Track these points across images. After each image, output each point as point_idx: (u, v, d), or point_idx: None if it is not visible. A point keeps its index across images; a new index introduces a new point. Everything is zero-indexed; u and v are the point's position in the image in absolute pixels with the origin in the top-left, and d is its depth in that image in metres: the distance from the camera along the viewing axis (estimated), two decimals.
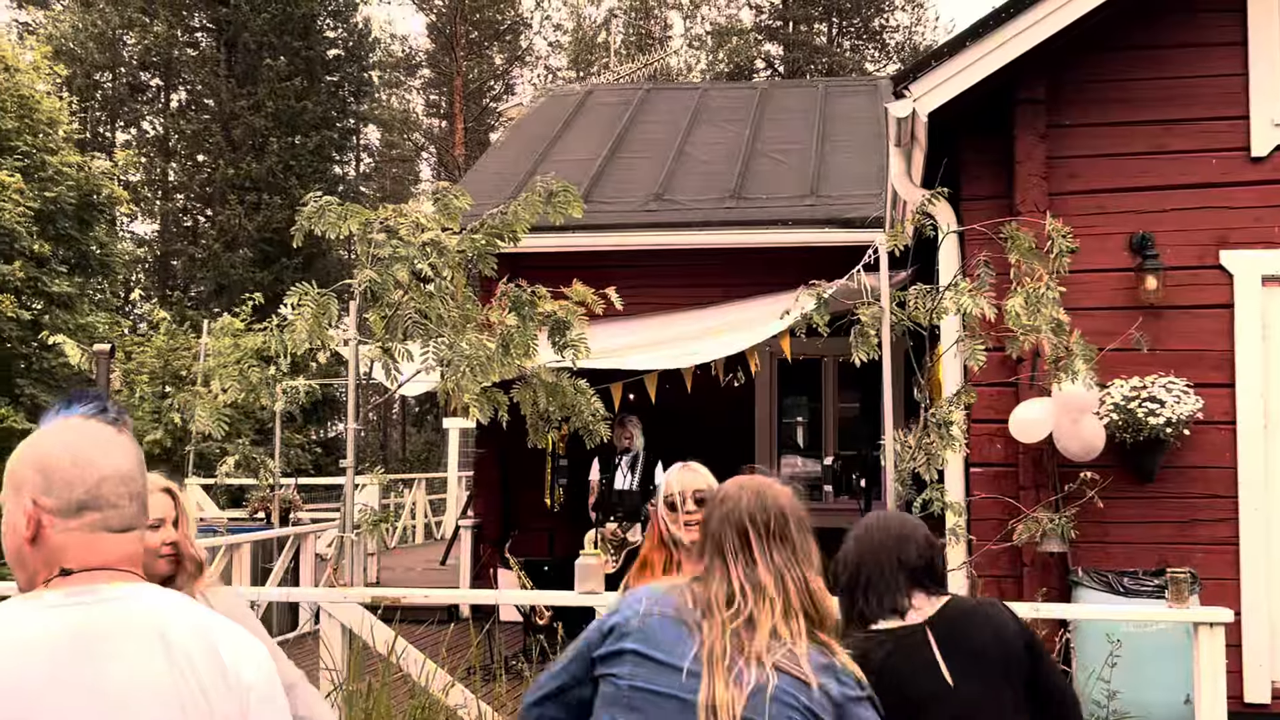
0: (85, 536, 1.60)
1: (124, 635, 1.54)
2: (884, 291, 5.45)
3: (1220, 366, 6.67)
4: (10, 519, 1.62)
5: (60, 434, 1.65)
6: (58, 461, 1.61)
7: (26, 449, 1.65)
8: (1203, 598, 5.98)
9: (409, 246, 5.02)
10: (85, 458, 1.62)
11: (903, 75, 6.66)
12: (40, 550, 1.59)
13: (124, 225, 31.18)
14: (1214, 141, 6.83)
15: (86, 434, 1.65)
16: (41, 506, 1.59)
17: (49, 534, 1.59)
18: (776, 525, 2.21)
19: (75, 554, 1.59)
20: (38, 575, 1.59)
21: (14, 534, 1.61)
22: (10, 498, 1.63)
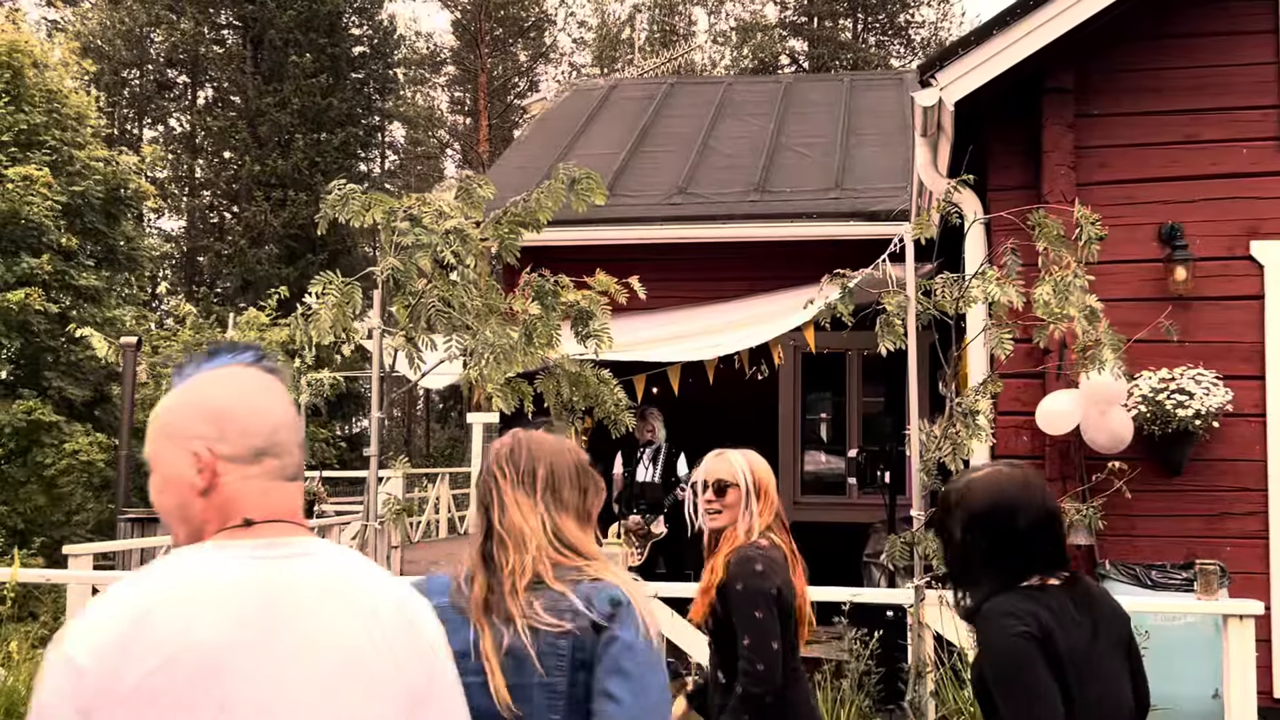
0: (264, 485, 1.55)
1: (313, 591, 1.50)
2: (909, 279, 5.41)
3: (1250, 358, 6.59)
4: (171, 470, 1.55)
5: (226, 382, 1.58)
6: (232, 408, 1.55)
7: (185, 399, 1.57)
8: (1231, 592, 5.92)
9: (432, 234, 5.02)
10: (260, 404, 1.57)
11: (929, 63, 6.62)
12: (213, 500, 1.53)
13: (151, 221, 31.40)
14: (1245, 131, 6.76)
15: (253, 381, 1.60)
16: (217, 455, 1.53)
17: (225, 483, 1.53)
18: (526, 470, 2.27)
19: (254, 503, 1.53)
20: (207, 526, 1.53)
21: (178, 486, 1.54)
22: (166, 449, 1.56)
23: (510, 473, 2.27)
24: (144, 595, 1.40)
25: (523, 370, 6.25)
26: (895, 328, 5.45)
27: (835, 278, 5.74)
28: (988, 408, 5.39)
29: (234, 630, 1.40)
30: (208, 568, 1.45)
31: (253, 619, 1.42)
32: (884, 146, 11.97)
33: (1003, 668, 2.34)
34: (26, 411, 14.10)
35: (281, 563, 1.49)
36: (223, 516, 1.52)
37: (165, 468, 1.55)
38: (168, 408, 1.58)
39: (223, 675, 1.37)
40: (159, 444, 1.57)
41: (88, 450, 14.25)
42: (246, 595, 1.44)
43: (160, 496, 1.57)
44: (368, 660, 1.49)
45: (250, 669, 1.39)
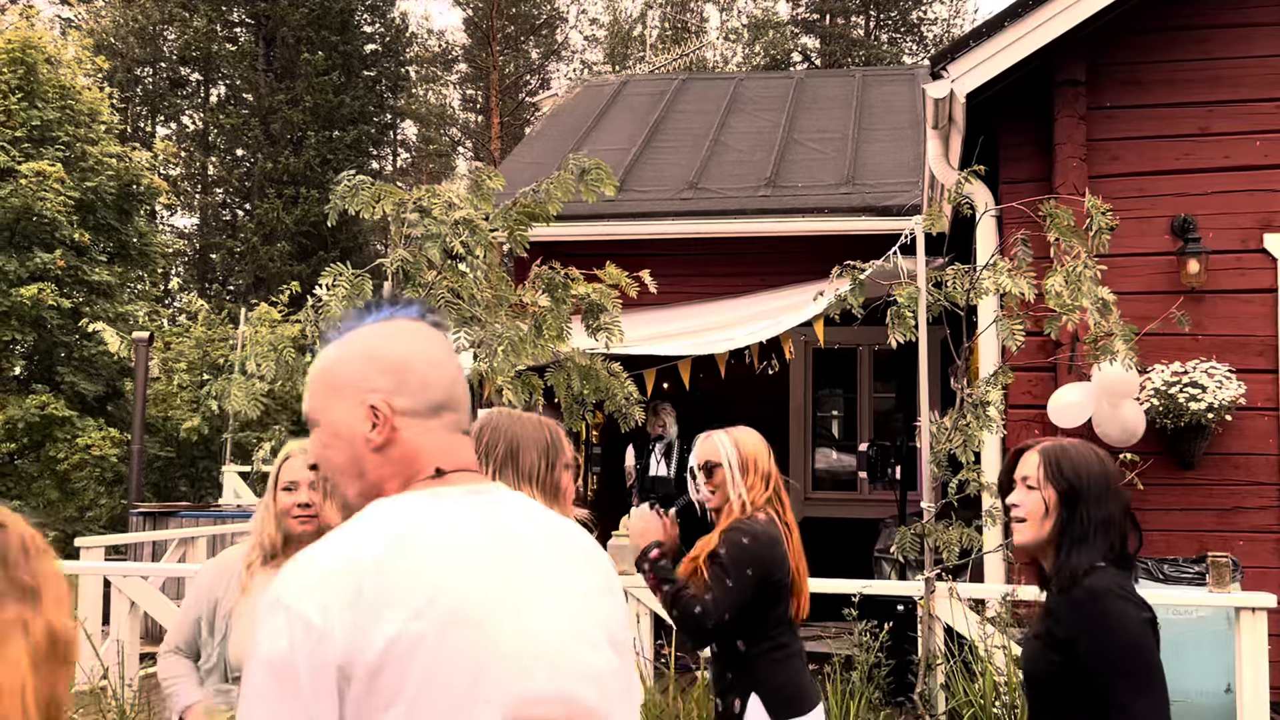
0: (446, 438, 1.49)
1: (530, 532, 1.46)
2: (920, 271, 5.39)
3: (1263, 352, 6.56)
4: (342, 424, 1.47)
5: (400, 334, 1.50)
6: (411, 361, 1.48)
7: (356, 351, 1.49)
8: (1244, 587, 5.88)
9: (441, 225, 5.02)
10: (437, 358, 1.50)
11: (940, 55, 6.59)
12: (390, 454, 1.46)
13: (164, 218, 31.50)
14: (1258, 124, 6.72)
15: (426, 335, 1.52)
16: (396, 408, 1.46)
17: (405, 437, 1.46)
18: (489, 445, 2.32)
19: (439, 455, 1.47)
20: (387, 482, 1.46)
21: (350, 440, 1.47)
22: (335, 403, 1.48)
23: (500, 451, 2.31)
24: (373, 544, 1.33)
25: (533, 364, 6.26)
26: (906, 319, 5.43)
27: (846, 270, 5.72)
28: (998, 399, 5.37)
29: (478, 571, 1.36)
30: (431, 513, 1.40)
31: (492, 559, 1.39)
32: (896, 142, 11.94)
33: (1132, 652, 2.33)
34: (39, 406, 14.17)
35: (495, 506, 1.46)
36: (407, 470, 1.46)
37: (335, 422, 1.48)
38: (336, 359, 1.50)
39: (479, 617, 1.33)
40: (326, 398, 1.49)
41: (100, 445, 14.31)
42: (477, 537, 1.40)
43: (327, 451, 1.49)
44: (591, 597, 1.48)
45: (502, 608, 1.36)
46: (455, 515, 1.41)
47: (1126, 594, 2.39)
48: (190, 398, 15.52)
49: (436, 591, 1.31)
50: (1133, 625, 2.34)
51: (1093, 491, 2.50)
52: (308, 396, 1.52)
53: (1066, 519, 2.49)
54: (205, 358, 16.13)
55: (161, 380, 15.56)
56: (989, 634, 5.05)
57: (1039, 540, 2.54)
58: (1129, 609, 2.36)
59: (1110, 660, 2.32)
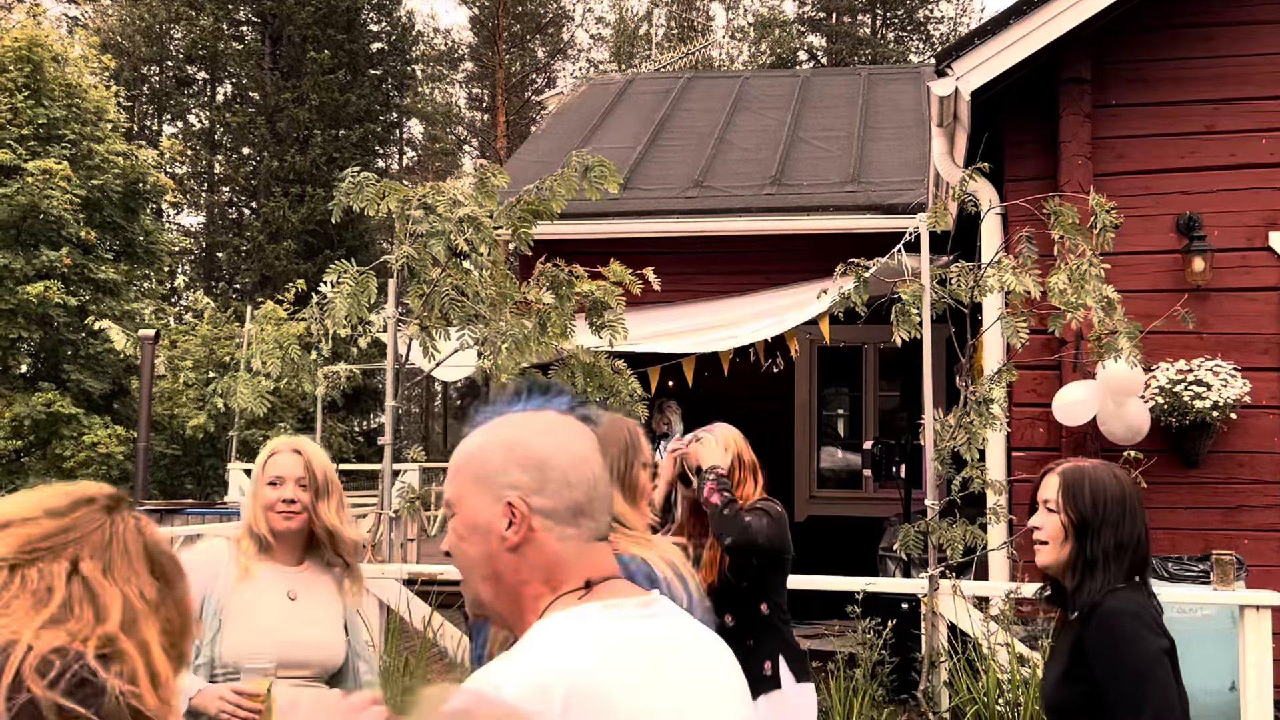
0: (583, 546, 1.40)
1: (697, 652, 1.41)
2: (924, 268, 5.39)
3: (1268, 350, 6.55)
4: (479, 518, 1.40)
5: (546, 428, 1.43)
6: (555, 458, 1.40)
7: (499, 440, 1.42)
8: (1248, 585, 5.87)
9: (446, 222, 5.03)
10: (581, 456, 1.42)
11: (945, 53, 6.59)
12: (528, 558, 1.38)
13: (170, 217, 31.56)
14: (1264, 121, 6.71)
15: (574, 431, 1.44)
16: (535, 508, 1.38)
17: (544, 540, 1.38)
18: None
19: (580, 565, 1.39)
20: (526, 587, 1.39)
21: (485, 536, 1.39)
22: (474, 494, 1.41)
23: None
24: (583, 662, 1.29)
25: (537, 361, 6.27)
26: (911, 317, 5.43)
27: (851, 268, 5.73)
28: (1002, 396, 5.37)
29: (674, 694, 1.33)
30: (622, 633, 1.34)
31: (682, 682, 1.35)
32: (901, 140, 11.93)
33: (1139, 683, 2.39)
34: (46, 404, 14.21)
35: (665, 622, 1.40)
36: (549, 578, 1.39)
37: (472, 515, 1.41)
38: (479, 447, 1.44)
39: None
40: (466, 487, 1.42)
41: (107, 442, 14.35)
42: (664, 658, 1.35)
43: (462, 544, 1.42)
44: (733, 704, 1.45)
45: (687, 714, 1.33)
46: (642, 634, 1.36)
47: (1144, 620, 2.44)
48: (196, 395, 15.55)
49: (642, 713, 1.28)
50: (1146, 655, 2.40)
51: (1110, 516, 2.55)
52: (447, 482, 1.46)
53: (1083, 543, 2.55)
54: (211, 356, 16.17)
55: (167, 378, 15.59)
56: (992, 631, 5.05)
57: (1058, 562, 2.61)
58: (1145, 636, 2.41)
59: (1118, 688, 2.38)
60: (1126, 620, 2.42)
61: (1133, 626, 2.41)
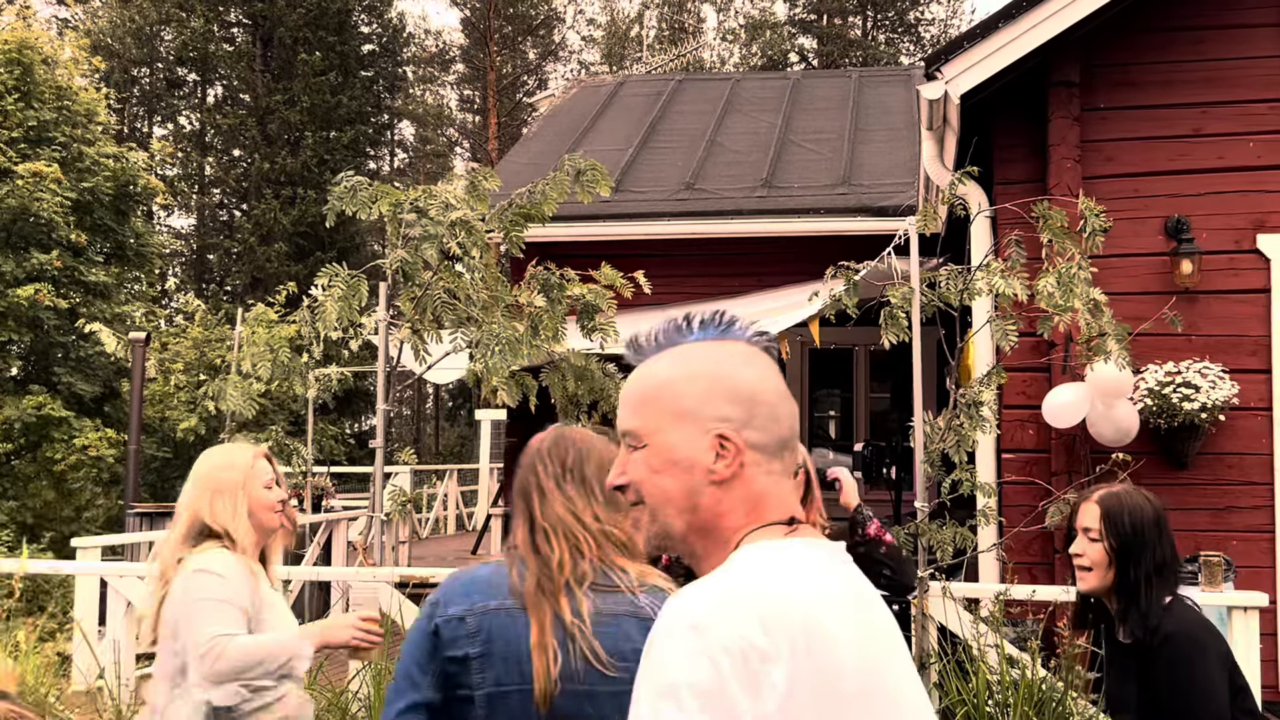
0: (786, 483, 1.37)
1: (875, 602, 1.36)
2: (914, 271, 5.41)
3: (1257, 352, 6.59)
4: (682, 452, 1.34)
5: (747, 360, 1.37)
6: (762, 391, 1.35)
7: (700, 372, 1.36)
8: (1237, 586, 5.90)
9: (438, 226, 5.04)
10: (782, 390, 1.38)
11: (935, 56, 6.61)
12: (735, 492, 1.33)
13: (161, 219, 31.50)
14: (1252, 124, 6.75)
15: (769, 364, 1.39)
16: (748, 441, 1.33)
17: (752, 475, 1.33)
18: (574, 463, 2.23)
19: (784, 501, 1.35)
20: (724, 519, 1.34)
21: (690, 471, 1.34)
22: (676, 428, 1.34)
23: (554, 466, 2.23)
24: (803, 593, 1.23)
25: (528, 364, 6.28)
26: (900, 320, 5.45)
27: (841, 270, 5.75)
28: (991, 399, 5.39)
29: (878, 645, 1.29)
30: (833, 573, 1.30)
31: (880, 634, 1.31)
32: (892, 142, 11.96)
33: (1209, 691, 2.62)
34: (36, 407, 14.17)
35: (851, 568, 1.36)
36: (753, 513, 1.34)
37: (671, 448, 1.35)
38: (674, 378, 1.36)
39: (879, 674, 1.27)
40: (664, 419, 1.36)
41: (97, 445, 14.31)
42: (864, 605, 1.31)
43: (656, 478, 1.36)
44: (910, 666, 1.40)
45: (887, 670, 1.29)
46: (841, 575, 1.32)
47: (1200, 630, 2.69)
48: (187, 398, 15.51)
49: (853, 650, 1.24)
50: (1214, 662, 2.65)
51: (1149, 539, 2.76)
52: (629, 413, 1.39)
53: (1127, 567, 2.75)
54: (202, 358, 16.13)
55: (158, 381, 15.55)
56: (982, 633, 5.07)
57: (1104, 586, 2.80)
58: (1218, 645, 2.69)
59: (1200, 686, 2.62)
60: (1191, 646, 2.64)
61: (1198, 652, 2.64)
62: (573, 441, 2.28)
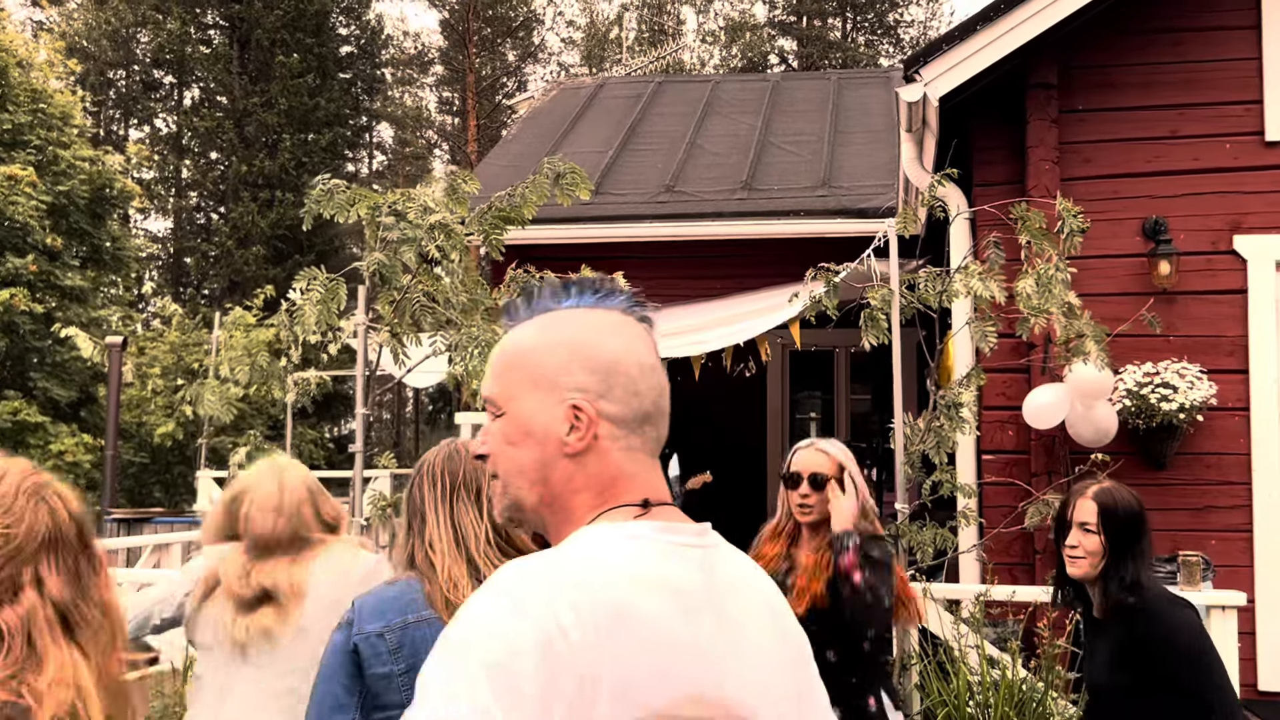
0: (645, 460, 1.31)
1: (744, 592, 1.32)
2: (893, 273, 5.42)
3: (1234, 352, 6.62)
4: (535, 421, 1.29)
5: (611, 329, 1.32)
6: (623, 362, 1.30)
7: (559, 339, 1.31)
8: (1216, 585, 5.93)
9: (417, 229, 5.01)
10: (647, 362, 1.32)
11: (913, 59, 6.63)
12: (588, 467, 1.28)
13: (138, 222, 31.32)
14: (1228, 126, 6.79)
15: (637, 334, 1.33)
16: (602, 413, 1.28)
17: (607, 448, 1.28)
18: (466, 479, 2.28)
19: (640, 481, 1.30)
20: (577, 495, 1.29)
21: (543, 441, 1.29)
22: (531, 396, 1.30)
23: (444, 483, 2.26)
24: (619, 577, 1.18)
25: None
26: (880, 322, 5.46)
27: (820, 272, 5.75)
28: (970, 400, 5.40)
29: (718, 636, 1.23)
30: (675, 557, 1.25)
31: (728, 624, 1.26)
32: (872, 144, 11.98)
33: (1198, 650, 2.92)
34: (12, 412, 14.07)
35: (721, 556, 1.31)
36: (603, 490, 1.29)
37: (527, 417, 1.30)
38: (535, 345, 1.31)
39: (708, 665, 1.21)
40: (520, 387, 1.30)
41: (74, 451, 14.22)
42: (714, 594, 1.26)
43: (510, 449, 1.31)
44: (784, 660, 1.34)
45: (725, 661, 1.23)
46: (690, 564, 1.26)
47: (1183, 602, 3.04)
48: (165, 403, 15.43)
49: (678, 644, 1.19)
50: (1195, 625, 2.96)
51: (1138, 531, 3.09)
52: (491, 379, 1.34)
53: (1119, 556, 3.06)
54: (180, 362, 16.05)
55: (135, 385, 15.46)
56: (963, 634, 5.08)
57: (1094, 574, 3.10)
58: (1190, 613, 2.98)
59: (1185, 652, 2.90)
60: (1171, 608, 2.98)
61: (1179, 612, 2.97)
62: (464, 457, 2.30)
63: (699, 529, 1.31)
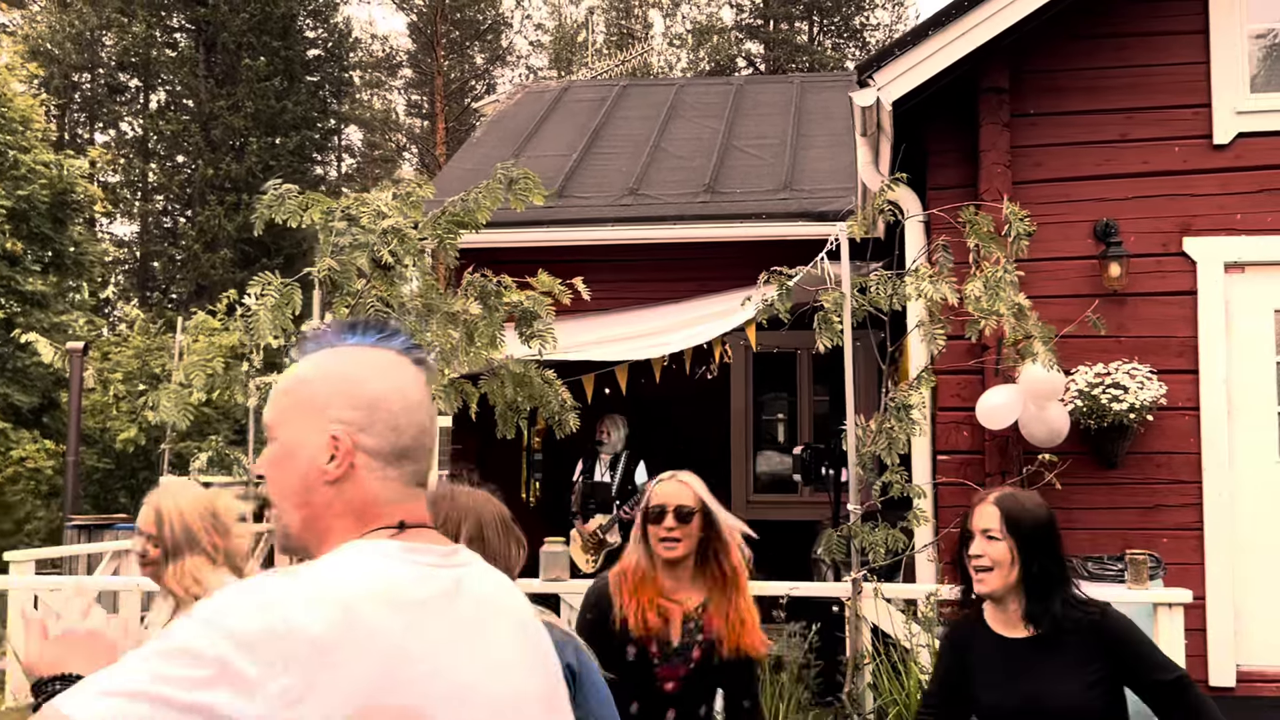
0: (404, 490, 1.41)
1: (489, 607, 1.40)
2: (845, 276, 5.47)
3: (1183, 353, 6.71)
4: (300, 447, 1.40)
5: (380, 368, 1.42)
6: (386, 400, 1.40)
7: (332, 373, 1.41)
8: (1167, 583, 6.01)
9: (369, 234, 5.02)
10: (413, 401, 1.43)
11: (866, 64, 6.69)
12: (344, 493, 1.39)
13: (103, 226, 31.07)
14: (1177, 129, 6.88)
15: (407, 374, 1.44)
16: (359, 445, 1.38)
17: (364, 478, 1.39)
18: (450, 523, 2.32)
19: (396, 507, 1.40)
20: (334, 520, 1.38)
21: (305, 466, 1.39)
22: (299, 422, 1.40)
23: None
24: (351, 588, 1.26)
25: (467, 371, 6.26)
26: (833, 325, 5.51)
27: (774, 275, 5.79)
28: (919, 402, 5.46)
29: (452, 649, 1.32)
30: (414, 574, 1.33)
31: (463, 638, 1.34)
32: (834, 148, 12.05)
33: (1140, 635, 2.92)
34: None
35: (459, 570, 1.40)
36: (361, 515, 1.39)
37: (293, 442, 1.41)
38: (309, 378, 1.43)
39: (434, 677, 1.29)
40: (291, 414, 1.41)
41: (36, 457, 14.11)
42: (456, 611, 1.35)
43: (276, 470, 1.42)
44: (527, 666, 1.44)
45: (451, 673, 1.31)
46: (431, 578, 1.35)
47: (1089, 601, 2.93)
48: (128, 408, 15.33)
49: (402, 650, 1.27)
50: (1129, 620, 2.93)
51: (1048, 533, 2.88)
52: (270, 406, 1.45)
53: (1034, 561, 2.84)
54: (144, 368, 15.94)
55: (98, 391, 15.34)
56: (915, 633, 5.13)
57: (1007, 586, 2.87)
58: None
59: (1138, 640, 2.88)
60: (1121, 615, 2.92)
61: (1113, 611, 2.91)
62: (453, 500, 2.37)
63: (449, 549, 1.42)
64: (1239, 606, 6.57)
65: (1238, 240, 6.72)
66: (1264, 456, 6.67)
